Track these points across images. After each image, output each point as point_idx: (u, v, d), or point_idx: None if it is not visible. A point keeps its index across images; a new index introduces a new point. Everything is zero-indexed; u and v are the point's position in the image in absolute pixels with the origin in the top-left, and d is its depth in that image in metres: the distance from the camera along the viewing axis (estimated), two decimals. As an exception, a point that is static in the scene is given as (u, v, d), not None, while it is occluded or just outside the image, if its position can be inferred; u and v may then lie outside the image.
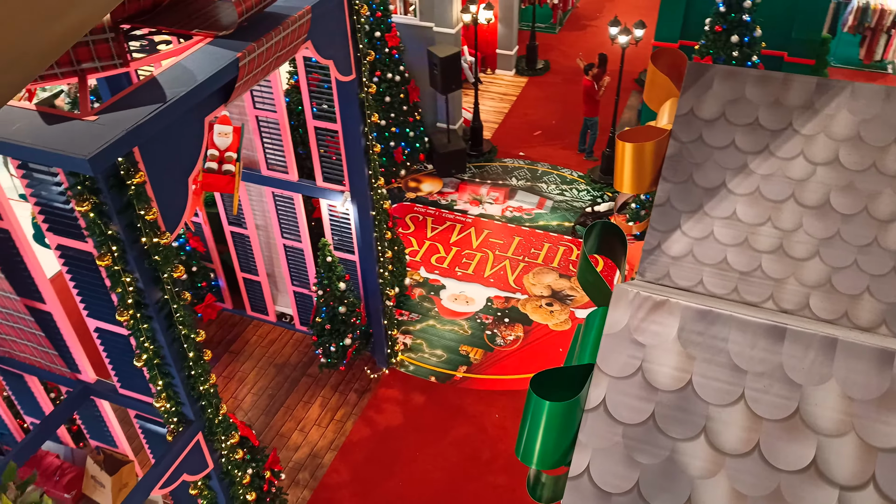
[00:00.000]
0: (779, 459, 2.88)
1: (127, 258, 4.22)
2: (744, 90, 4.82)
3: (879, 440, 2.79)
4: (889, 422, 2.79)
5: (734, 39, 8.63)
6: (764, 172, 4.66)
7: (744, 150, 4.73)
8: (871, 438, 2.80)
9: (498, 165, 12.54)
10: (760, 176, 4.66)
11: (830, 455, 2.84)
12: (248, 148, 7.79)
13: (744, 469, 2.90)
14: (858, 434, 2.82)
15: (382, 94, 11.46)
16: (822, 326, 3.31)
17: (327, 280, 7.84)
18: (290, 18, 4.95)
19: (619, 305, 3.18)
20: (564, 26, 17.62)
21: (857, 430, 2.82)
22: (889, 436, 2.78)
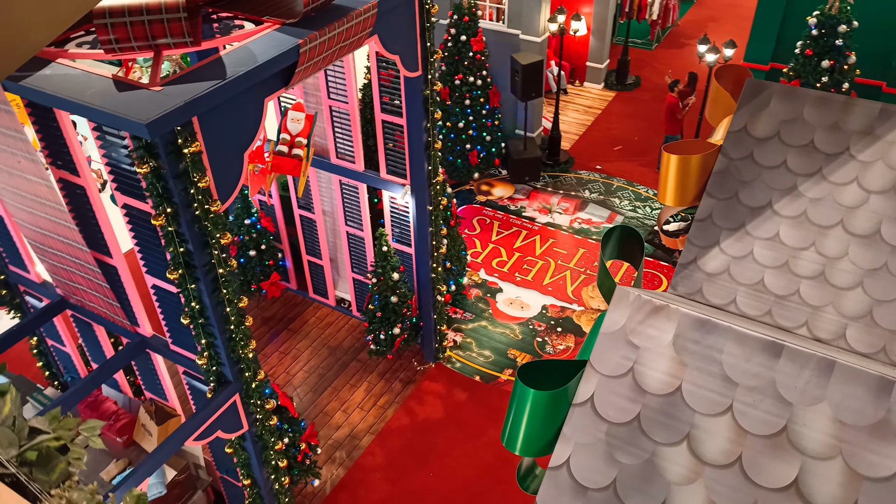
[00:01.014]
0: (760, 475, 2.80)
1: (179, 220, 4.57)
2: (802, 111, 4.68)
3: (867, 469, 2.67)
4: (880, 451, 2.67)
5: (825, 65, 8.26)
6: (813, 196, 4.51)
7: (795, 171, 4.59)
8: (858, 466, 2.69)
9: (573, 176, 12.47)
10: (809, 199, 4.51)
11: (814, 478, 2.74)
12: (320, 136, 8.15)
13: (723, 481, 2.84)
14: (846, 460, 2.71)
15: (462, 96, 11.65)
16: (822, 348, 3.19)
17: (381, 269, 8.09)
18: (354, 12, 5.21)
19: (618, 306, 3.18)
20: (662, 43, 17.30)
21: (845, 455, 2.72)
22: (878, 465, 2.66)
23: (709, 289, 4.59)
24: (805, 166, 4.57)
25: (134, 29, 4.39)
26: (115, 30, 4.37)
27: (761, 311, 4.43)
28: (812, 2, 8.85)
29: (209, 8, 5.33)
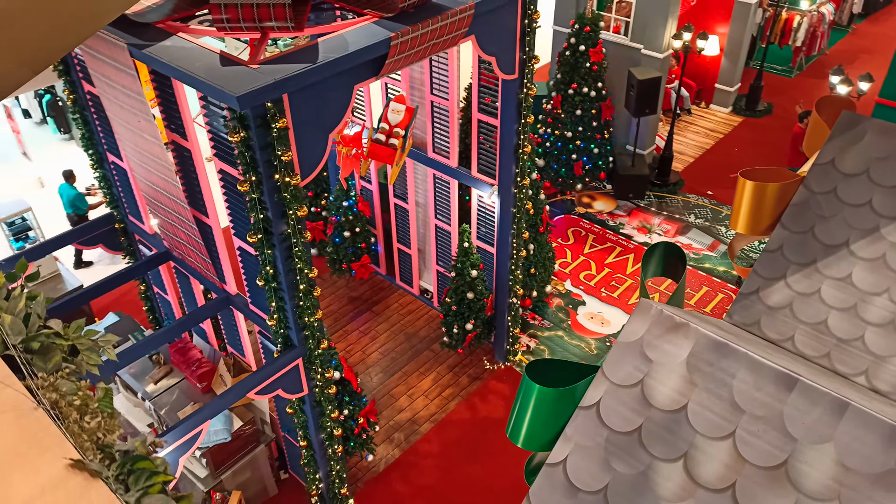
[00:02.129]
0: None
1: (262, 189, 4.98)
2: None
3: (863, 519, 2.53)
4: (882, 502, 2.52)
5: (967, 106, 7.55)
6: (895, 240, 4.22)
7: (880, 212, 4.34)
8: (854, 515, 2.55)
9: (680, 199, 12.10)
10: (890, 243, 4.25)
11: (806, 519, 2.62)
12: (420, 129, 8.46)
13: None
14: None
15: (575, 106, 11.61)
16: (840, 387, 3.01)
17: (461, 264, 8.28)
18: (451, 11, 5.42)
19: (639, 317, 3.18)
20: (805, 72, 16.34)
21: (843, 500, 2.58)
22: (875, 517, 2.51)
23: (767, 322, 4.41)
24: (892, 208, 4.29)
25: (244, 11, 4.83)
26: (227, 10, 4.83)
27: (820, 352, 4.21)
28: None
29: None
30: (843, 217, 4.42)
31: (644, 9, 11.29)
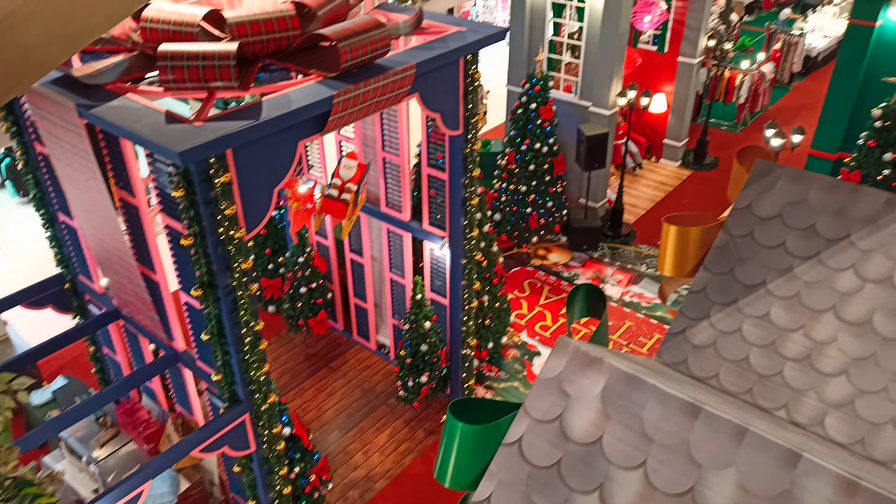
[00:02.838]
0: (662, 535, 2.80)
1: (206, 242, 5.07)
2: (807, 195, 4.69)
3: (764, 541, 2.63)
4: (780, 525, 2.63)
5: (887, 157, 8.04)
6: (809, 279, 4.48)
7: (793, 253, 4.59)
8: (756, 537, 2.65)
9: (632, 250, 12.43)
10: (804, 282, 4.49)
11: (713, 544, 2.71)
12: (373, 184, 8.67)
13: (628, 536, 2.85)
14: (745, 530, 2.68)
15: (528, 161, 11.99)
16: (741, 413, 3.15)
17: (414, 316, 8.37)
18: (392, 70, 5.69)
19: (557, 354, 3.31)
20: (749, 127, 17.11)
21: (746, 525, 2.69)
22: (775, 539, 2.61)
23: (693, 360, 4.58)
24: (804, 249, 4.54)
25: (190, 71, 5.03)
26: (174, 71, 5.03)
27: (743, 388, 4.37)
28: (884, 94, 8.69)
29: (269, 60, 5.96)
30: (760, 258, 4.66)
31: (591, 69, 11.84)
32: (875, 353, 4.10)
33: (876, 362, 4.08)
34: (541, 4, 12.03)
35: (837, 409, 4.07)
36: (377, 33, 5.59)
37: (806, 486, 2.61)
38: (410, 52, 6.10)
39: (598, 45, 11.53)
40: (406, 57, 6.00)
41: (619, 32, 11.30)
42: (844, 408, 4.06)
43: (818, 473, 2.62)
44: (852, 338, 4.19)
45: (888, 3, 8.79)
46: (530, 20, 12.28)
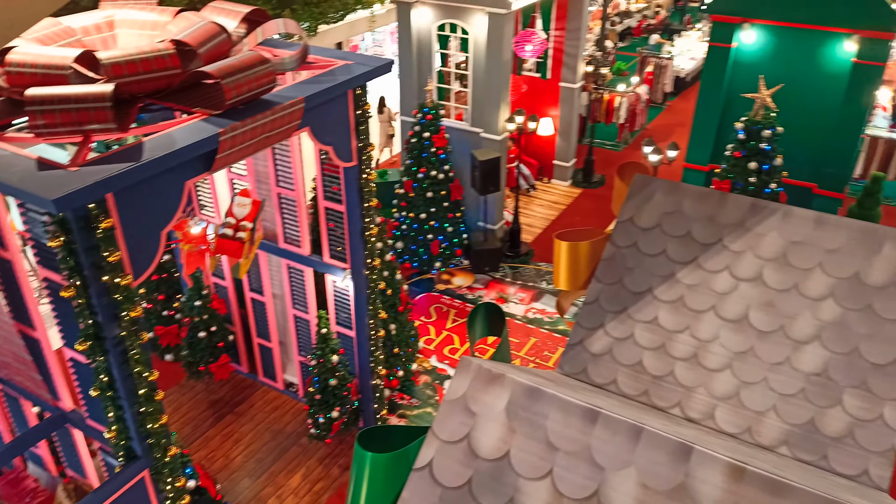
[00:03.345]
0: (572, 541, 2.88)
1: (89, 293, 4.81)
2: (682, 204, 5.01)
3: (666, 535, 2.76)
4: (678, 517, 2.78)
5: (752, 166, 8.73)
6: (689, 283, 4.76)
7: (674, 259, 4.87)
8: (659, 532, 2.78)
9: (532, 268, 12.79)
10: (686, 286, 4.76)
11: (620, 543, 2.82)
12: (270, 221, 8.51)
13: (540, 547, 2.92)
14: (648, 526, 2.81)
15: (425, 189, 12.15)
16: (637, 413, 3.33)
17: (321, 351, 8.23)
18: (279, 106, 5.65)
19: (461, 374, 3.36)
20: (630, 145, 18.09)
21: (648, 521, 2.82)
22: (676, 531, 2.75)
23: (593, 369, 4.76)
24: (683, 255, 4.85)
25: (62, 115, 4.79)
26: (45, 116, 4.77)
27: (639, 391, 4.58)
28: (745, 108, 9.44)
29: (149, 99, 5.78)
30: (645, 266, 4.93)
31: (479, 97, 12.20)
32: (753, 347, 4.41)
33: (755, 355, 4.39)
34: (427, 37, 12.32)
35: (725, 402, 4.35)
36: (262, 69, 5.55)
37: (699, 477, 2.77)
38: (298, 87, 6.09)
39: (484, 74, 11.91)
40: (294, 91, 5.98)
41: (503, 61, 11.73)
42: (731, 400, 4.34)
43: (709, 463, 2.79)
44: (732, 334, 4.50)
45: (740, 27, 9.64)
46: (418, 52, 12.54)
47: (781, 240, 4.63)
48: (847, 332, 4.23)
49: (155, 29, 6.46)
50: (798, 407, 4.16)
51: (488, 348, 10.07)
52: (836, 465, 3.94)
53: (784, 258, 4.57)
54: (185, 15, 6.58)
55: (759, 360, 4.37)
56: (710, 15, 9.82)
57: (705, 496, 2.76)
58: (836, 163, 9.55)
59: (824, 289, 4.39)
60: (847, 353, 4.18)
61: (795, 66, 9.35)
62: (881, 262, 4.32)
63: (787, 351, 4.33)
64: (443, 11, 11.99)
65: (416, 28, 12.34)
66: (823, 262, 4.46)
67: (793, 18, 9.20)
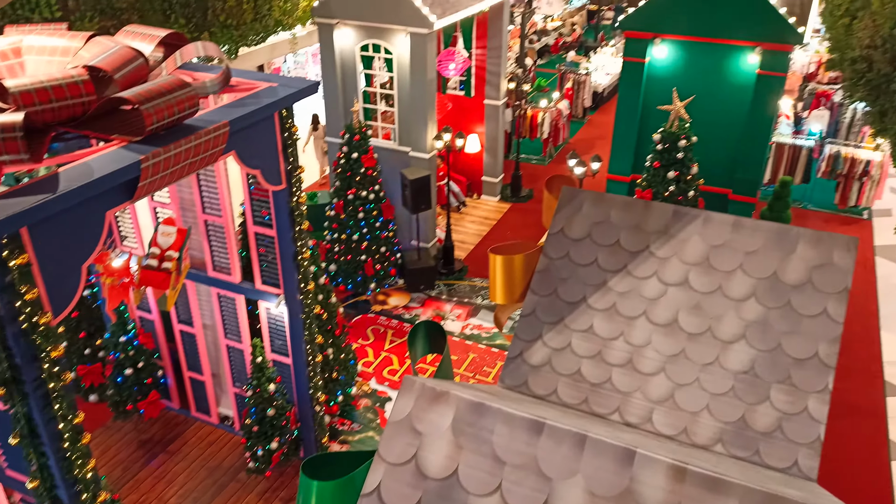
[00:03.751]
0: (525, 555, 2.90)
1: (5, 334, 4.53)
2: (609, 214, 5.15)
3: (615, 540, 2.82)
4: (626, 521, 2.83)
5: (670, 175, 9.10)
6: (621, 290, 4.89)
7: (605, 268, 4.99)
8: (608, 538, 2.83)
9: (467, 284, 12.87)
10: (618, 293, 4.89)
11: (571, 553, 2.85)
12: (197, 249, 8.26)
13: (493, 563, 2.92)
14: (598, 532, 2.85)
15: (356, 210, 12.07)
16: (581, 421, 3.40)
17: (257, 381, 8.01)
18: (203, 130, 5.51)
19: (404, 394, 3.33)
20: (555, 158, 18.54)
21: (598, 528, 2.86)
22: (624, 536, 2.81)
23: (533, 380, 4.82)
24: (613, 263, 4.98)
25: (-33, 148, 4.52)
26: (-53, 149, 4.50)
27: (579, 399, 4.66)
28: (661, 120, 9.84)
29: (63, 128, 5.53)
30: (578, 276, 5.04)
31: (406, 116, 12.27)
32: (684, 349, 4.57)
33: (686, 357, 4.55)
34: (350, 58, 12.32)
35: (661, 405, 4.47)
36: (183, 93, 5.41)
37: (642, 480, 2.84)
38: (222, 111, 5.96)
39: (410, 93, 11.99)
40: (217, 115, 5.85)
41: (428, 80, 11.84)
42: (667, 402, 4.47)
43: (651, 466, 2.86)
44: (664, 338, 4.65)
45: (652, 42, 10.08)
46: (342, 73, 12.52)
47: (703, 244, 4.83)
48: (769, 329, 4.44)
49: (66, 55, 6.20)
50: (729, 405, 4.33)
51: (429, 367, 10.06)
52: (768, 459, 4.11)
53: (707, 262, 4.77)
54: (97, 40, 6.34)
55: (691, 361, 4.53)
56: (624, 31, 10.22)
57: (650, 499, 2.82)
58: (747, 169, 10.08)
59: (746, 289, 4.60)
60: (771, 349, 4.39)
61: (706, 79, 9.84)
62: (796, 262, 4.56)
63: (715, 351, 4.51)
64: (365, 32, 12.03)
65: (339, 49, 12.33)
66: (744, 264, 4.67)
67: (700, 33, 9.70)
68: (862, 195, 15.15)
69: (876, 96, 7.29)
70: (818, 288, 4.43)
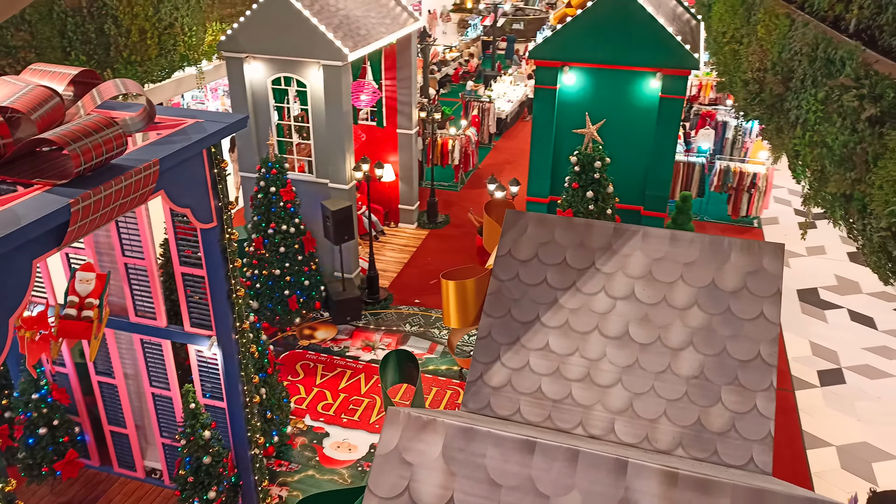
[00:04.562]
0: (528, 575, 2.93)
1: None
2: (553, 234, 5.32)
3: (616, 550, 2.91)
4: (625, 531, 2.93)
5: (589, 195, 9.50)
6: (572, 307, 5.05)
7: (554, 286, 5.15)
8: (609, 548, 2.92)
9: (393, 312, 12.82)
10: (569, 310, 5.04)
11: (574, 567, 2.92)
12: (117, 295, 7.82)
13: (497, 588, 2.93)
14: (598, 544, 2.93)
15: (277, 244, 11.82)
16: (571, 439, 3.51)
17: (191, 428, 7.62)
18: (133, 170, 5.28)
19: (390, 426, 3.31)
20: (467, 184, 18.89)
21: (597, 540, 2.94)
22: (622, 544, 2.91)
23: (496, 402, 4.88)
24: (562, 281, 5.16)
25: None
26: None
27: (542, 416, 4.76)
28: (574, 142, 10.28)
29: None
30: (530, 296, 5.17)
31: (323, 148, 12.19)
32: (638, 359, 4.78)
33: (640, 367, 4.75)
34: (262, 91, 12.14)
35: (621, 415, 4.65)
36: (111, 132, 5.16)
37: (637, 489, 2.95)
38: (149, 149, 5.73)
39: (326, 125, 11.94)
40: (145, 154, 5.61)
41: (343, 112, 11.84)
42: (626, 412, 4.65)
43: (644, 474, 2.97)
44: (617, 350, 4.84)
45: (562, 70, 10.57)
46: (254, 107, 12.31)
47: (645, 258, 5.10)
48: (714, 335, 4.72)
49: (-30, 96, 5.79)
50: (685, 409, 4.55)
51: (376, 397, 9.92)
52: (726, 458, 4.35)
53: (650, 274, 5.03)
54: (3, 80, 5.96)
55: (645, 371, 4.74)
56: (534, 60, 10.66)
57: (644, 505, 2.93)
58: (657, 186, 10.69)
59: (688, 298, 4.88)
60: (717, 353, 4.66)
61: (614, 103, 10.40)
62: (731, 270, 4.89)
63: (666, 359, 4.74)
64: (277, 65, 11.91)
65: (251, 82, 12.13)
66: (684, 275, 4.96)
67: (606, 61, 10.27)
68: (752, 205, 16.35)
69: (771, 115, 7.95)
70: (753, 293, 4.76)
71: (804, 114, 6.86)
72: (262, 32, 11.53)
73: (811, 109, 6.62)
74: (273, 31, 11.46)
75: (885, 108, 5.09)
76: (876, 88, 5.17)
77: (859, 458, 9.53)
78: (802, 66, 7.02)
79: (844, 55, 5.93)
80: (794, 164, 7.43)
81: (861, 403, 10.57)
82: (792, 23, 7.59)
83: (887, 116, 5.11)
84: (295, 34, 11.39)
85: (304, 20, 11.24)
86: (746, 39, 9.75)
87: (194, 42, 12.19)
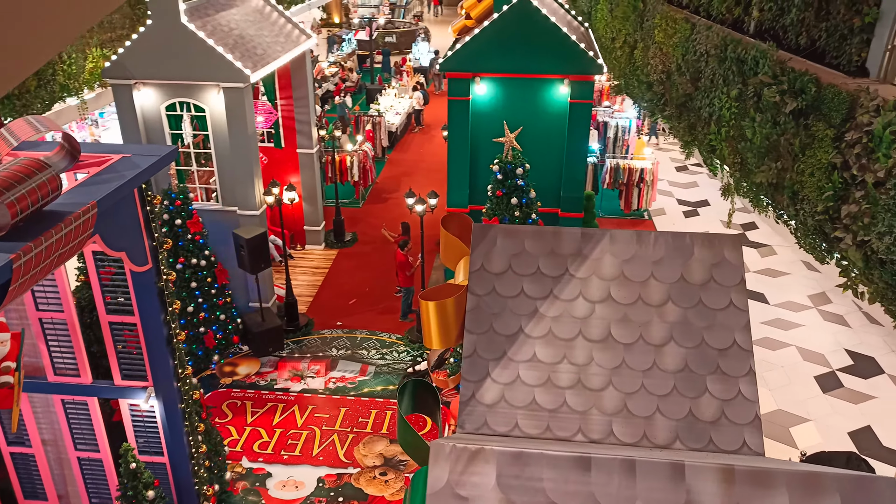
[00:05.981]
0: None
1: None
2: (524, 244, 5.35)
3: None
4: (692, 532, 3.00)
5: (514, 202, 9.69)
6: (553, 315, 5.10)
7: (532, 296, 5.17)
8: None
9: (316, 338, 12.44)
10: (551, 318, 5.09)
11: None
12: (30, 354, 7.04)
13: None
14: (671, 549, 2.99)
15: (188, 279, 11.13)
16: (622, 449, 3.56)
17: (132, 491, 6.98)
18: (72, 215, 4.79)
19: (438, 462, 3.19)
20: (367, 200, 18.71)
21: (669, 546, 2.99)
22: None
23: (492, 419, 4.84)
24: (539, 290, 5.20)
25: None
26: None
27: (541, 428, 4.77)
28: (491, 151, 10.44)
29: None
30: (509, 309, 5.18)
31: (228, 174, 11.63)
32: (624, 360, 4.90)
33: (627, 366, 4.88)
34: (155, 118, 11.41)
35: (617, 416, 4.75)
36: (44, 175, 4.65)
37: (699, 490, 3.02)
38: (81, 190, 5.22)
39: (231, 150, 11.41)
40: (79, 196, 5.11)
41: (249, 135, 11.38)
42: (622, 413, 4.75)
43: (701, 474, 3.05)
44: (603, 353, 4.95)
45: (473, 81, 10.71)
46: (146, 135, 11.54)
47: (615, 260, 5.25)
48: (690, 327, 4.94)
49: None
50: (676, 403, 4.72)
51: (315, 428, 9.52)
52: (721, 445, 4.56)
53: (623, 275, 5.18)
54: None
55: (633, 370, 4.87)
56: (446, 73, 10.74)
57: (705, 505, 3.00)
58: (572, 188, 11.08)
59: (662, 294, 5.08)
60: (697, 345, 4.88)
61: (527, 110, 10.68)
62: (696, 264, 5.14)
63: (651, 356, 4.90)
64: (171, 90, 11.24)
65: (141, 110, 11.36)
66: (654, 272, 5.15)
67: (515, 70, 10.53)
68: (641, 199, 17.34)
69: (680, 113, 8.47)
70: (720, 283, 5.03)
71: (717, 111, 7.36)
72: (153, 57, 10.84)
73: (725, 106, 7.12)
74: (165, 55, 10.80)
75: (808, 102, 5.54)
76: (796, 84, 5.64)
77: (777, 424, 10.33)
78: (711, 67, 7.53)
79: (758, 54, 6.41)
80: (709, 159, 7.92)
81: (768, 374, 11.46)
82: (693, 27, 8.13)
83: (811, 109, 5.57)
84: (190, 57, 10.80)
85: (199, 42, 10.69)
86: (641, 44, 10.32)
87: (74, 70, 11.25)
